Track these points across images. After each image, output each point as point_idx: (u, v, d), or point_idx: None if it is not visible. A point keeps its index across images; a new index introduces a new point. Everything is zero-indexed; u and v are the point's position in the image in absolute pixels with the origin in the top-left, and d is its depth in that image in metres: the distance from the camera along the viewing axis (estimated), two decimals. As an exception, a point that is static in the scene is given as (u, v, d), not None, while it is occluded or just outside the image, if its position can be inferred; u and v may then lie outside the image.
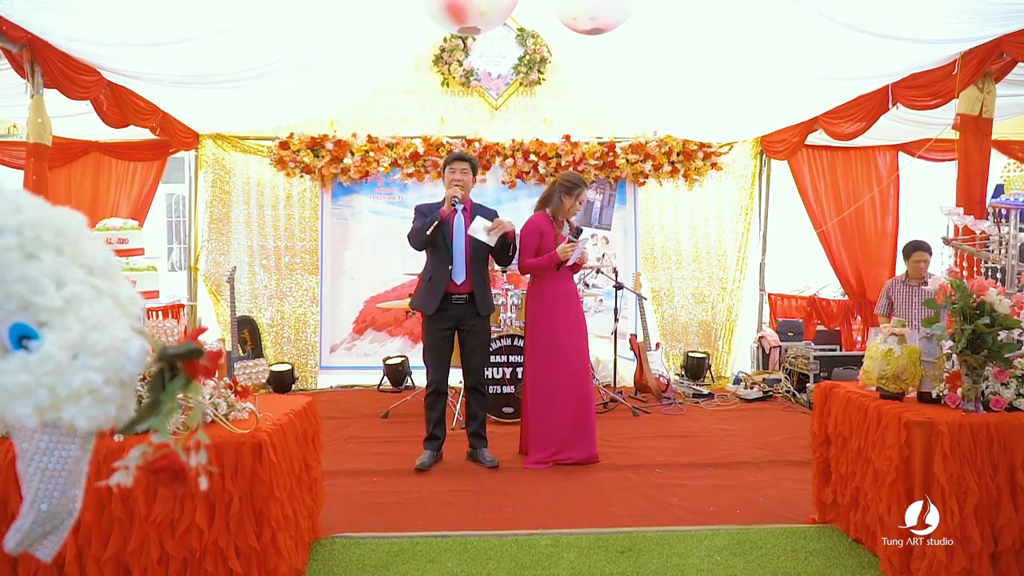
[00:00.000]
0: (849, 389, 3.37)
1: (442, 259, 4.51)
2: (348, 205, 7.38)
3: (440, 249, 4.51)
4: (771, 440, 5.22)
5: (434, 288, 4.50)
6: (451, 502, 3.95)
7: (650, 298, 7.44)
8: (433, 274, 4.53)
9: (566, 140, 7.29)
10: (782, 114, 6.70)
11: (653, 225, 7.57)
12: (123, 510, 2.62)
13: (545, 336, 4.56)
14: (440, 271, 4.50)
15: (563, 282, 4.53)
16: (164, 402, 1.01)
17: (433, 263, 4.56)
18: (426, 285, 4.56)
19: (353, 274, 7.41)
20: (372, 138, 7.17)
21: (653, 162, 7.33)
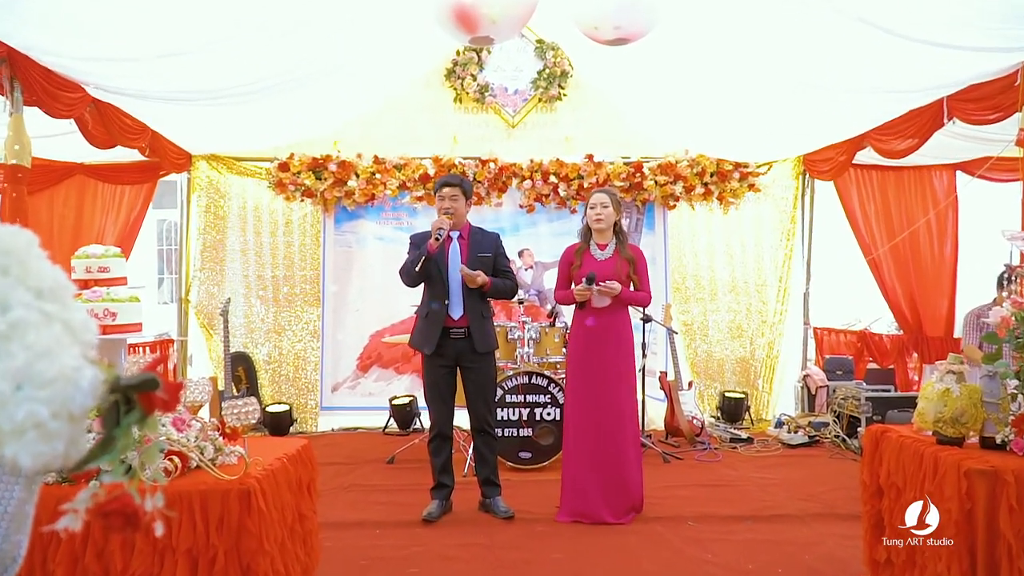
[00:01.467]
0: (903, 433, 3.29)
1: (437, 293, 4.54)
2: (352, 231, 7.43)
3: (435, 282, 4.55)
4: (817, 490, 5.12)
5: (431, 324, 4.52)
6: (459, 557, 3.89)
7: (681, 332, 7.39)
8: (430, 309, 4.55)
9: (589, 160, 7.32)
10: (826, 130, 6.68)
11: (684, 252, 7.55)
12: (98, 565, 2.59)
13: (577, 374, 4.56)
14: (436, 305, 4.52)
15: (603, 314, 4.52)
16: (118, 438, 0.99)
17: (429, 297, 4.59)
18: (423, 322, 4.58)
19: (358, 306, 7.44)
20: (378, 159, 7.23)
21: (684, 183, 7.33)
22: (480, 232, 4.74)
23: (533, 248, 7.46)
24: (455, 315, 4.52)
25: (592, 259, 4.56)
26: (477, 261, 4.58)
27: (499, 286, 4.60)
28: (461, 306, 4.53)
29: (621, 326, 4.53)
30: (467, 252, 4.61)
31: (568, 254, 4.66)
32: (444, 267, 4.55)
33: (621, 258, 4.54)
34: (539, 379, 5.76)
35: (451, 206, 4.55)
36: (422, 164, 7.27)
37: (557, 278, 4.69)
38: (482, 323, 4.56)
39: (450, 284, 4.54)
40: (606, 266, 4.51)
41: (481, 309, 4.58)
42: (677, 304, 7.47)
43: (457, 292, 4.53)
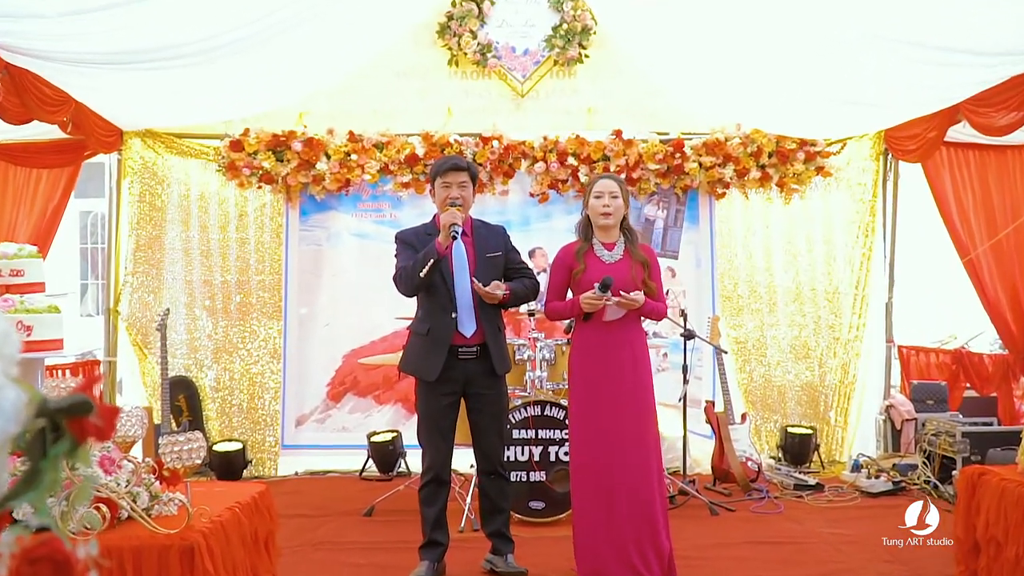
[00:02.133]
0: (1005, 476, 3.32)
1: (443, 305, 4.59)
2: (322, 226, 7.51)
3: (439, 292, 4.60)
4: (904, 551, 5.14)
5: (435, 344, 4.56)
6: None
7: (733, 352, 7.43)
8: (433, 325, 4.59)
9: (617, 137, 7.37)
10: (912, 100, 6.70)
11: (736, 252, 7.61)
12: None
13: (583, 404, 4.55)
14: (442, 321, 4.57)
15: (613, 330, 4.54)
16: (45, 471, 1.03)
17: (430, 310, 4.63)
18: (422, 340, 4.62)
19: (328, 319, 7.51)
20: (354, 136, 7.30)
21: (736, 166, 7.38)
22: (484, 227, 4.80)
23: (547, 247, 7.51)
24: (467, 331, 4.60)
25: (598, 262, 4.58)
26: (487, 264, 4.66)
27: (519, 292, 4.75)
28: (474, 319, 4.62)
29: (637, 341, 4.61)
30: (473, 252, 4.67)
31: (566, 256, 4.68)
32: (449, 272, 4.60)
33: (634, 261, 4.59)
34: (554, 410, 5.81)
35: (459, 195, 4.62)
36: (408, 142, 7.34)
37: (549, 285, 4.75)
38: (498, 339, 4.71)
39: (456, 292, 4.60)
40: (618, 271, 4.55)
41: (497, 322, 4.73)
42: (727, 317, 7.51)
43: (467, 302, 4.61)
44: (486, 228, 4.80)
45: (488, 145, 7.34)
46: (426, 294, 4.64)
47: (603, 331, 4.53)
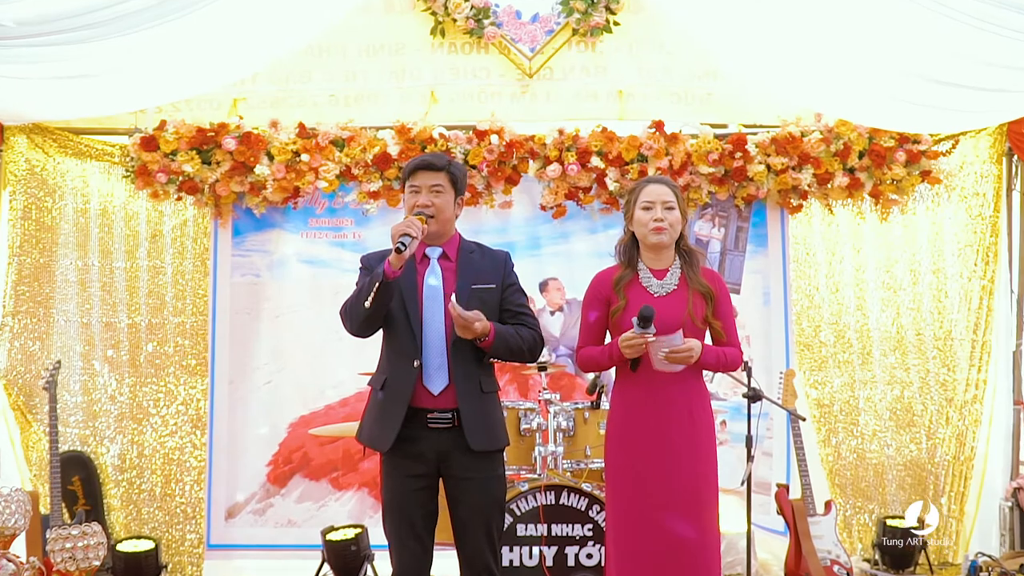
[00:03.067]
0: None
1: (404, 349, 4.54)
2: (262, 249, 7.60)
3: (399, 332, 4.54)
4: None
5: (392, 403, 4.48)
6: None
7: (813, 419, 7.45)
8: (390, 376, 4.57)
9: (657, 130, 7.43)
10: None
11: (818, 284, 7.64)
12: None
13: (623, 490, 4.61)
14: (401, 371, 4.53)
15: (664, 386, 4.55)
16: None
17: (389, 357, 4.62)
18: (377, 398, 4.59)
19: (270, 376, 7.56)
20: (306, 129, 7.36)
21: (816, 169, 7.42)
22: (476, 250, 4.72)
23: (564, 277, 7.61)
24: (435, 387, 4.49)
25: (644, 295, 4.59)
26: (472, 298, 4.50)
27: (508, 338, 4.54)
28: (445, 371, 4.50)
29: (697, 401, 4.62)
30: (454, 281, 4.58)
31: (602, 286, 4.72)
32: (415, 304, 4.53)
33: (693, 292, 4.61)
34: (574, 498, 5.84)
35: (430, 203, 4.59)
36: (378, 138, 7.40)
37: (580, 326, 4.82)
38: (481, 402, 4.55)
39: (425, 333, 4.50)
40: (671, 306, 4.58)
41: (480, 378, 4.57)
42: (806, 372, 7.56)
43: (438, 347, 4.51)
44: (480, 252, 4.73)
45: (485, 141, 7.38)
46: (386, 336, 4.64)
47: (649, 386, 4.54)
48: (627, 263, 4.67)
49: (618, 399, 4.68)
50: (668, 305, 4.53)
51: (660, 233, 4.55)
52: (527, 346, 4.66)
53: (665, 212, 4.55)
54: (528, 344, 4.67)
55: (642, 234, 4.61)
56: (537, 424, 6.23)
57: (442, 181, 4.61)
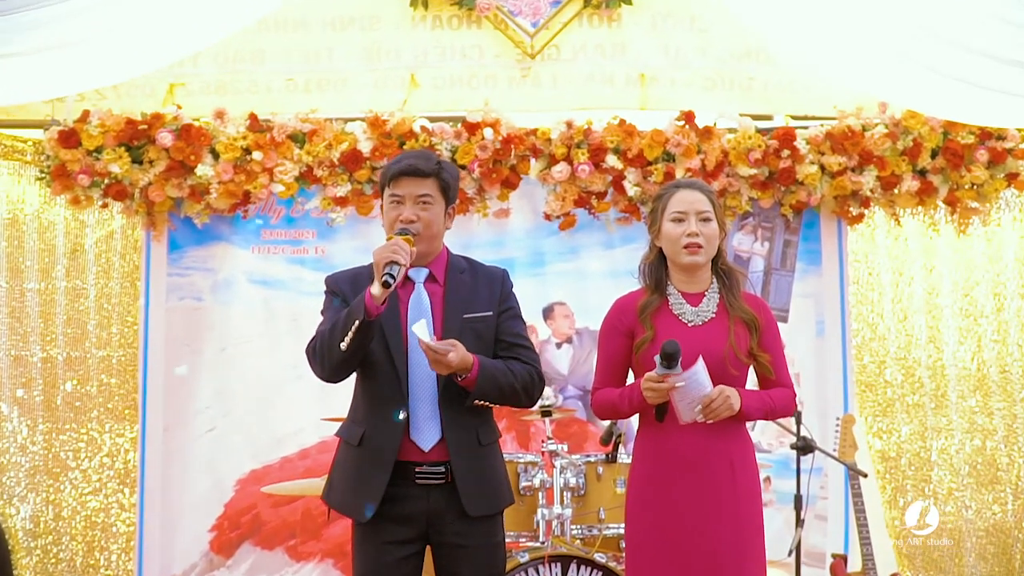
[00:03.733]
0: None
1: (387, 396, 4.48)
2: (204, 267, 7.67)
3: (381, 375, 4.45)
4: None
5: (373, 461, 4.41)
6: None
7: (877, 475, 7.52)
8: (370, 429, 4.51)
9: (687, 123, 7.52)
10: None
11: (883, 311, 7.72)
12: None
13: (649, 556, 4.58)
14: (384, 422, 4.45)
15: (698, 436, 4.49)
16: None
17: (368, 405, 4.56)
18: (354, 454, 4.54)
19: (213, 421, 7.62)
20: (259, 121, 7.45)
21: (880, 171, 7.49)
22: (467, 268, 4.66)
23: (573, 302, 7.71)
24: (424, 441, 4.44)
25: (676, 324, 4.54)
26: (465, 331, 4.46)
27: (497, 375, 4.44)
28: (436, 420, 4.46)
29: (739, 454, 4.59)
30: (442, 308, 4.54)
31: (623, 315, 4.65)
32: (398, 340, 4.49)
33: (735, 321, 4.57)
34: (584, 572, 5.87)
35: (416, 216, 4.52)
36: (347, 132, 7.48)
37: (597, 363, 4.76)
38: (479, 457, 4.54)
39: (411, 376, 4.47)
40: (708, 338, 4.53)
41: (477, 428, 4.54)
42: (867, 416, 7.63)
43: (427, 393, 4.46)
44: (471, 271, 4.69)
45: (476, 136, 7.46)
46: (363, 378, 4.60)
47: (681, 436, 4.44)
48: (654, 286, 4.60)
49: (642, 451, 4.62)
50: (706, 337, 4.47)
51: (695, 252, 4.47)
52: (520, 385, 4.55)
53: (700, 225, 4.47)
54: (522, 382, 4.56)
55: (672, 251, 4.53)
56: (540, 481, 6.24)
57: (431, 190, 4.52)
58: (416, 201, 4.50)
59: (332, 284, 4.69)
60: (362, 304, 4.23)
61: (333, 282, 4.69)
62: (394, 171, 4.54)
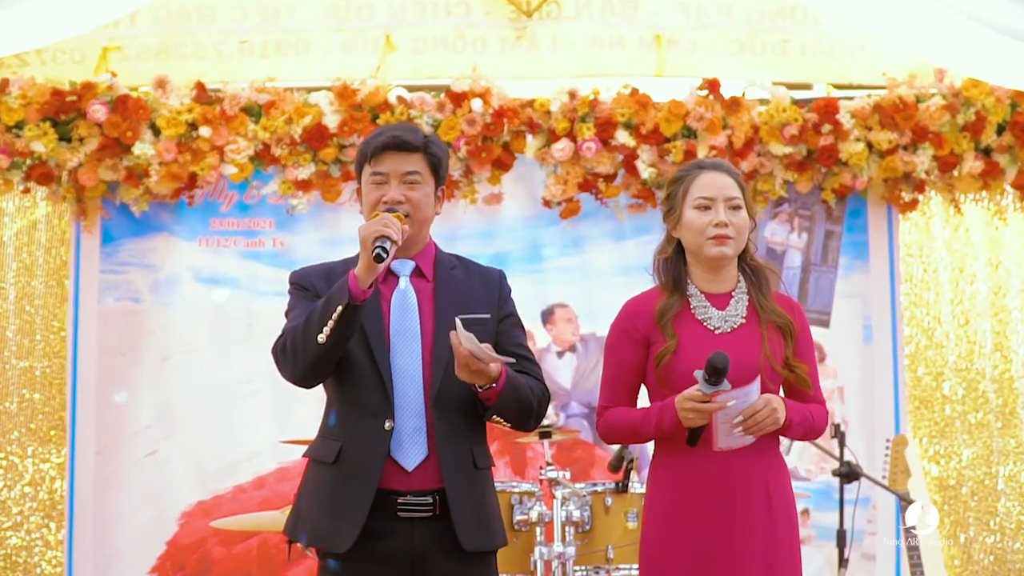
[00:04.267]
0: None
1: (368, 405, 4.49)
2: (144, 262, 7.74)
3: (360, 379, 4.47)
4: None
5: (350, 483, 4.43)
6: None
7: (934, 504, 7.56)
8: (348, 444, 4.51)
9: (711, 92, 7.61)
10: None
11: (940, 313, 7.78)
12: None
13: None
14: (365, 436, 4.45)
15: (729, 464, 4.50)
16: None
17: (345, 416, 4.57)
18: (327, 475, 4.53)
19: (154, 444, 7.68)
20: (207, 91, 7.52)
21: (936, 149, 7.56)
22: (459, 265, 4.66)
23: (577, 303, 7.79)
24: (408, 459, 4.33)
25: (700, 330, 4.53)
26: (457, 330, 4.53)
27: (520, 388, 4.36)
28: (423, 437, 4.44)
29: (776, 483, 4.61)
30: (432, 307, 4.57)
31: (637, 318, 4.54)
32: (381, 341, 4.50)
33: (768, 326, 4.54)
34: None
35: (403, 197, 4.52)
36: (310, 104, 7.55)
37: (604, 376, 4.64)
38: (474, 483, 4.50)
39: (396, 383, 4.52)
40: (739, 348, 4.49)
41: (472, 448, 4.50)
42: (922, 438, 7.69)
43: (414, 403, 4.34)
44: (464, 269, 4.65)
45: (463, 108, 7.52)
46: (339, 385, 4.52)
47: (707, 461, 4.39)
48: (672, 286, 4.51)
49: (659, 478, 4.53)
50: (737, 346, 4.35)
51: (722, 244, 4.38)
52: (535, 402, 4.47)
53: (729, 213, 4.39)
54: (537, 400, 4.48)
55: (695, 244, 4.43)
56: (538, 514, 6.27)
57: (419, 167, 4.43)
58: (403, 180, 4.40)
59: (301, 279, 4.54)
60: (345, 287, 4.12)
61: (300, 279, 4.54)
62: (376, 145, 4.42)
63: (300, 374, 4.34)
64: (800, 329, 4.48)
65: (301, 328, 4.24)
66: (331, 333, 4.12)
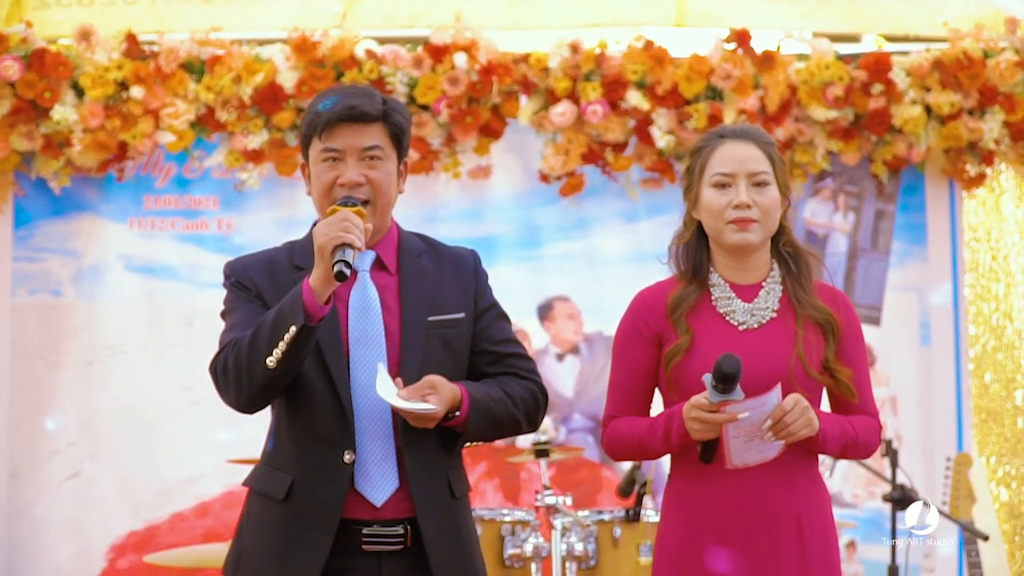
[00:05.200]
0: None
1: (324, 433, 4.47)
2: (64, 248, 7.67)
3: (313, 400, 4.44)
4: None
5: (303, 522, 4.43)
6: None
7: (1002, 535, 7.50)
8: (300, 479, 4.48)
9: (739, 45, 7.54)
10: None
11: (1011, 309, 7.73)
12: None
13: None
14: (320, 470, 4.42)
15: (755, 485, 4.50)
16: None
17: (297, 443, 4.53)
18: (277, 513, 4.51)
19: (77, 464, 7.59)
20: (139, 44, 7.42)
21: (1008, 114, 7.48)
22: (426, 250, 4.60)
23: (581, 297, 7.74)
24: (377, 494, 4.32)
25: (721, 326, 4.50)
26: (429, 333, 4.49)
27: (493, 407, 4.27)
28: (392, 464, 4.44)
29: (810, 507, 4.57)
30: (398, 308, 4.54)
31: (648, 312, 4.45)
32: (338, 354, 4.50)
33: (804, 322, 4.53)
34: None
35: (363, 178, 4.48)
36: (262, 59, 7.49)
37: (611, 381, 4.56)
38: (451, 514, 4.44)
39: (357, 405, 4.49)
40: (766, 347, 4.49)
41: (448, 474, 4.53)
42: (989, 457, 7.63)
43: (380, 426, 4.38)
44: (432, 254, 4.56)
45: (444, 63, 7.47)
46: (288, 407, 4.46)
47: (730, 484, 4.31)
48: (691, 274, 4.42)
49: (674, 504, 4.45)
50: (764, 345, 4.29)
51: (745, 228, 4.29)
52: (523, 413, 4.37)
53: (753, 192, 4.28)
54: (525, 409, 4.37)
55: (715, 228, 4.34)
56: (534, 548, 6.22)
57: (380, 140, 4.30)
58: (361, 157, 4.26)
59: (238, 273, 4.36)
60: (299, 303, 3.98)
61: (240, 270, 4.37)
62: (327, 117, 4.25)
63: (244, 401, 4.23)
64: (846, 326, 4.34)
65: (246, 348, 4.13)
66: (283, 357, 4.02)
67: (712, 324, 4.32)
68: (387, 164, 4.30)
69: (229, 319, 4.29)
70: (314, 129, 4.25)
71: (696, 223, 4.40)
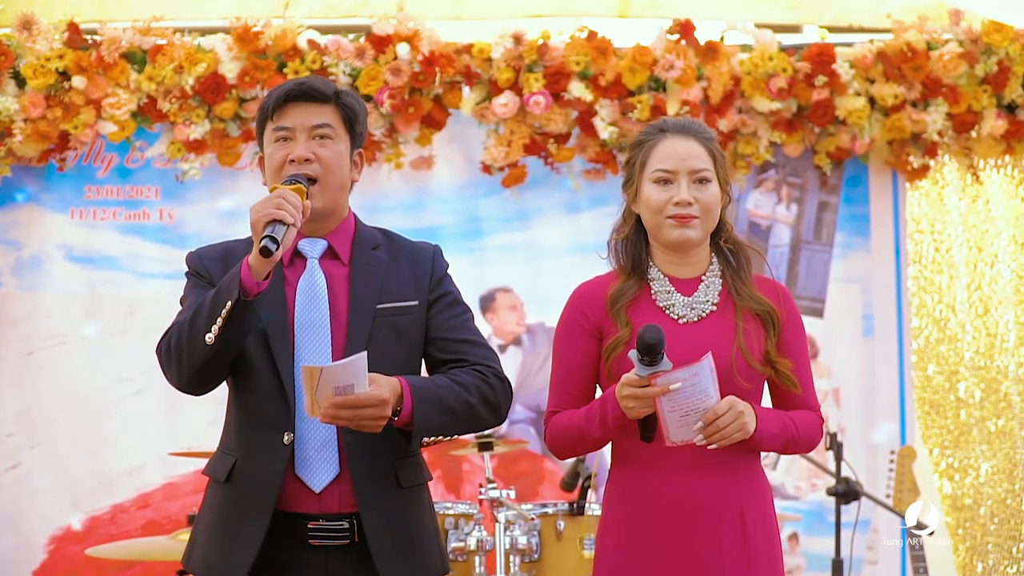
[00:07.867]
0: None
1: (264, 413, 4.46)
2: (3, 238, 7.65)
3: (256, 383, 4.44)
4: None
5: (243, 505, 4.42)
6: None
7: (946, 528, 7.54)
8: (243, 460, 4.48)
9: (682, 36, 7.57)
10: None
11: (954, 300, 7.78)
12: None
13: None
14: (259, 451, 4.43)
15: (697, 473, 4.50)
16: None
17: (240, 425, 4.53)
18: (221, 495, 4.52)
19: (16, 455, 7.59)
20: (81, 33, 7.43)
21: (951, 106, 7.53)
22: (384, 243, 4.60)
23: (522, 288, 7.78)
24: (316, 479, 4.31)
25: (661, 319, 4.43)
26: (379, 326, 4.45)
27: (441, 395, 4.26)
28: (334, 448, 4.44)
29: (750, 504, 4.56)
30: (347, 296, 4.52)
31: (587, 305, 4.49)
32: (284, 337, 4.49)
33: (744, 315, 4.55)
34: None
35: (312, 155, 4.46)
36: (204, 49, 7.49)
37: (552, 375, 4.58)
38: (398, 505, 4.43)
39: (298, 386, 4.45)
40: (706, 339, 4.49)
41: (396, 462, 4.50)
42: (933, 449, 7.69)
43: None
44: (390, 248, 4.56)
45: (387, 53, 7.48)
46: (235, 391, 4.50)
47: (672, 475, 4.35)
48: (631, 268, 4.46)
49: (615, 496, 4.49)
50: (704, 338, 4.30)
51: (686, 225, 4.33)
52: (479, 399, 4.34)
53: (694, 189, 4.32)
54: (480, 395, 4.35)
55: (654, 223, 4.38)
56: (477, 541, 6.24)
57: (330, 119, 4.36)
58: (311, 134, 4.33)
59: (194, 263, 4.47)
60: (236, 279, 4.03)
61: (196, 260, 4.48)
62: (278, 95, 4.36)
63: (187, 380, 4.26)
64: (786, 318, 4.41)
65: (187, 326, 4.16)
66: (220, 332, 4.05)
67: (652, 318, 4.28)
68: (337, 144, 4.34)
69: (183, 306, 4.34)
70: (266, 111, 4.32)
71: (635, 217, 4.44)
